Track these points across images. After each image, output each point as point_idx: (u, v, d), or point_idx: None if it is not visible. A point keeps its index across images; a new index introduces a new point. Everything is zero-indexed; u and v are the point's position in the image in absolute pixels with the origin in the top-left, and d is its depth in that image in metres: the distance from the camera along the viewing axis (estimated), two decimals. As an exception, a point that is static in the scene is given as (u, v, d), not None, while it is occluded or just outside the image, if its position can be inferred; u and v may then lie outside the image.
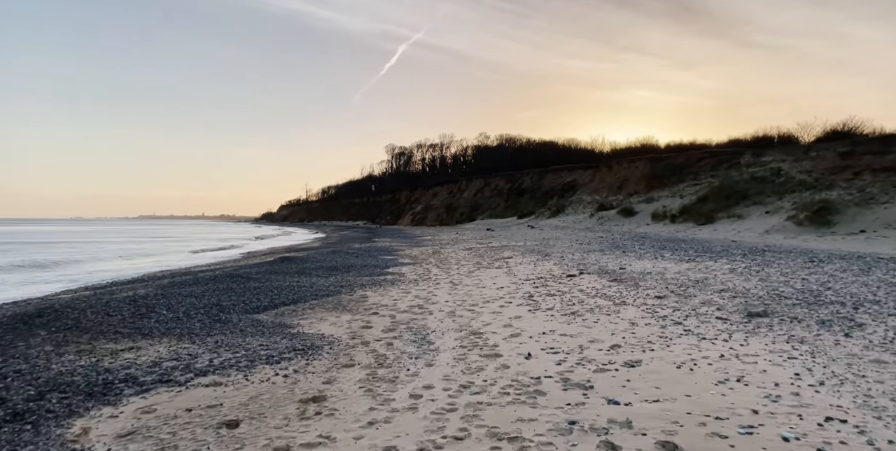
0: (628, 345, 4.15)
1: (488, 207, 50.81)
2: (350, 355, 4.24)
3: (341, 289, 8.18)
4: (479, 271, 10.40)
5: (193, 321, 5.24)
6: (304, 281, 9.14)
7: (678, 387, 3.08)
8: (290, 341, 4.63)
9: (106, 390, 3.22)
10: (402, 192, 74.57)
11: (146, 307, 5.79)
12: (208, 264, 14.57)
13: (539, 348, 4.26)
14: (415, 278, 9.70)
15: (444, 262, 12.71)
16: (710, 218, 22.69)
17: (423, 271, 10.72)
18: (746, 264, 8.64)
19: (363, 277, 10.01)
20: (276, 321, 5.65)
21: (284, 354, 4.19)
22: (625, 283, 7.62)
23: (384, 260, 13.47)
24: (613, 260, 10.91)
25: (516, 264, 11.18)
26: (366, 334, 5.01)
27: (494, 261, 12.23)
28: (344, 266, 11.68)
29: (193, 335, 4.71)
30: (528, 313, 5.77)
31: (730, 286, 6.58)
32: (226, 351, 4.19)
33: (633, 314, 5.38)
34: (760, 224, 19.79)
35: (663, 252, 12.04)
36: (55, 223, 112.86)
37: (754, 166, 25.23)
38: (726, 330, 4.47)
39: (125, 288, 8.72)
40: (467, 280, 8.95)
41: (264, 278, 9.38)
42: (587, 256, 12.29)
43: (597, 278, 8.27)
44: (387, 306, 6.66)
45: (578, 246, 15.67)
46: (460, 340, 4.69)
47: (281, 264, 12.06)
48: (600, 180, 38.81)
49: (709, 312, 5.21)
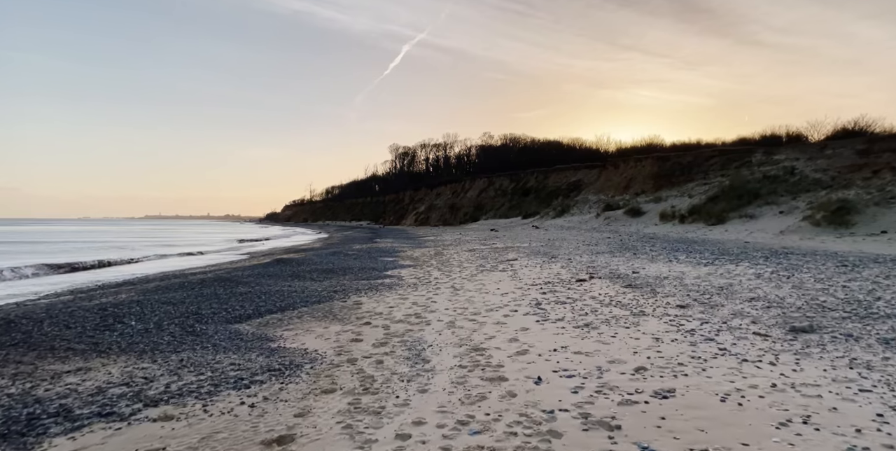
0: (656, 368, 3.55)
1: (492, 208, 50.16)
2: (332, 376, 3.67)
3: (335, 295, 7.62)
4: (482, 274, 9.81)
5: (163, 334, 4.67)
6: (297, 285, 8.59)
7: (729, 430, 2.47)
8: (268, 359, 4.07)
9: (27, 428, 2.65)
10: (405, 192, 74.03)
11: (114, 317, 5.23)
12: (204, 266, 14.06)
13: (550, 369, 3.68)
14: (414, 281, 9.13)
15: (445, 264, 12.13)
16: (721, 218, 21.99)
17: (423, 275, 10.14)
18: (772, 268, 8.00)
19: (360, 280, 9.45)
20: (258, 333, 5.09)
21: (257, 375, 3.62)
22: (640, 289, 7.02)
23: (384, 262, 12.91)
24: (625, 263, 10.29)
25: (521, 267, 10.58)
26: (354, 350, 4.45)
27: (498, 263, 11.64)
28: (341, 269, 11.12)
29: (157, 352, 4.14)
30: (537, 325, 5.18)
31: (760, 294, 5.95)
32: (189, 373, 3.62)
33: (654, 327, 4.77)
34: (774, 224, 19.08)
35: (677, 254, 11.41)
36: (64, 223, 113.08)
37: (766, 165, 24.49)
38: (769, 349, 3.84)
39: (109, 292, 8.20)
40: (469, 285, 8.37)
41: (255, 282, 8.83)
42: (596, 258, 11.68)
43: (609, 284, 7.66)
44: (381, 314, 6.09)
45: (586, 247, 15.06)
46: (460, 357, 4.11)
47: (276, 267, 11.52)
48: (606, 180, 38.09)
49: (743, 325, 4.59)
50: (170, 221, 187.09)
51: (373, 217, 77.34)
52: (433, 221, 56.44)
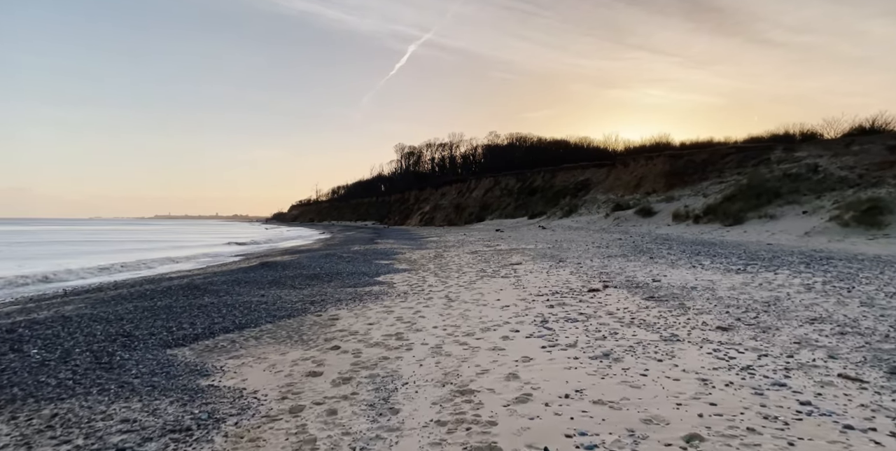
0: (715, 435, 2.46)
1: (498, 207, 48.99)
2: (258, 441, 2.63)
3: (310, 307, 6.61)
4: (481, 280, 8.76)
5: (61, 369, 3.64)
6: (272, 295, 7.59)
7: None
8: (182, 408, 3.04)
9: None
10: (410, 192, 73.05)
11: (11, 343, 4.22)
12: (189, 270, 13.12)
13: (562, 431, 2.62)
14: (405, 289, 8.10)
15: (444, 268, 11.09)
16: (739, 218, 20.75)
17: (417, 281, 9.11)
18: (820, 276, 6.86)
19: (345, 288, 8.43)
20: (195, 362, 4.07)
21: (149, 442, 2.59)
22: (666, 303, 5.92)
23: (377, 266, 11.89)
24: (642, 268, 9.18)
25: (526, 273, 9.51)
26: (306, 390, 3.42)
27: (501, 268, 10.57)
28: (328, 274, 10.12)
29: (29, 401, 3.08)
30: (542, 353, 4.12)
31: (821, 313, 4.85)
32: (48, 441, 2.57)
33: (696, 360, 3.70)
34: (798, 225, 17.83)
35: (699, 258, 10.28)
36: (75, 223, 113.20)
37: (787, 162, 23.19)
38: (878, 406, 2.70)
39: (56, 303, 7.25)
40: (466, 294, 7.32)
41: (226, 291, 7.84)
42: (609, 262, 10.58)
43: (627, 295, 6.58)
44: (356, 334, 5.05)
45: (596, 250, 13.94)
46: (440, 406, 3.07)
47: (258, 272, 10.53)
48: (615, 179, 36.84)
49: (818, 361, 3.48)
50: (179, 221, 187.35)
51: (378, 217, 76.44)
52: (438, 221, 55.38)
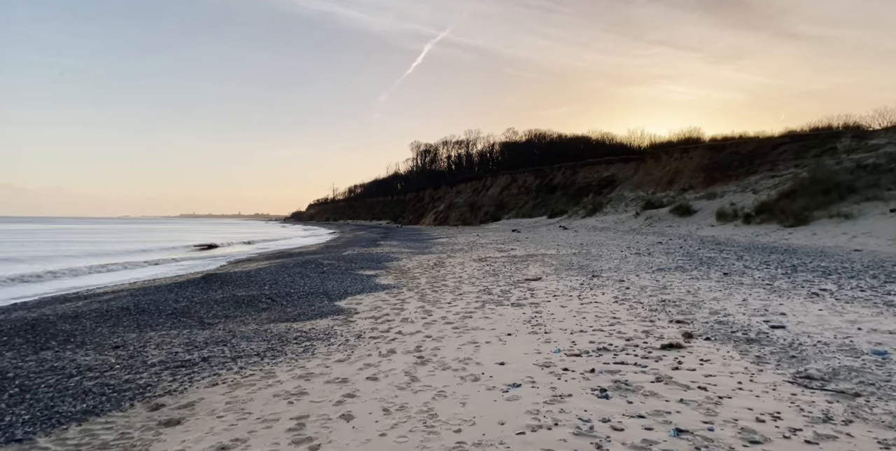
0: None
1: (515, 206, 45.82)
2: None
3: (166, 377, 3.86)
4: (481, 311, 5.89)
5: None
6: (134, 341, 4.88)
7: None
8: None
9: None
10: (425, 190, 70.32)
11: None
12: (86, 288, 10.60)
13: None
14: (364, 327, 5.31)
15: (438, 284, 8.24)
16: (803, 218, 17.15)
17: (390, 309, 6.30)
18: None
19: (279, 322, 5.68)
20: None
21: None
22: (831, 390, 2.97)
23: (353, 280, 9.11)
24: (728, 296, 6.15)
25: (548, 296, 6.58)
26: None
27: (513, 286, 7.66)
28: (276, 295, 7.38)
29: None
30: None
31: None
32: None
33: None
34: (886, 227, 14.32)
35: (805, 276, 7.20)
36: (106, 222, 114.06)
37: (859, 151, 19.59)
38: None
39: None
40: (451, 344, 4.46)
41: (65, 335, 5.15)
42: (664, 279, 7.56)
43: (739, 359, 3.63)
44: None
45: (636, 257, 10.89)
46: None
47: (181, 291, 7.84)
48: (645, 174, 33.34)
49: None
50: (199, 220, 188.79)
51: (393, 216, 73.91)
52: (452, 220, 52.48)
